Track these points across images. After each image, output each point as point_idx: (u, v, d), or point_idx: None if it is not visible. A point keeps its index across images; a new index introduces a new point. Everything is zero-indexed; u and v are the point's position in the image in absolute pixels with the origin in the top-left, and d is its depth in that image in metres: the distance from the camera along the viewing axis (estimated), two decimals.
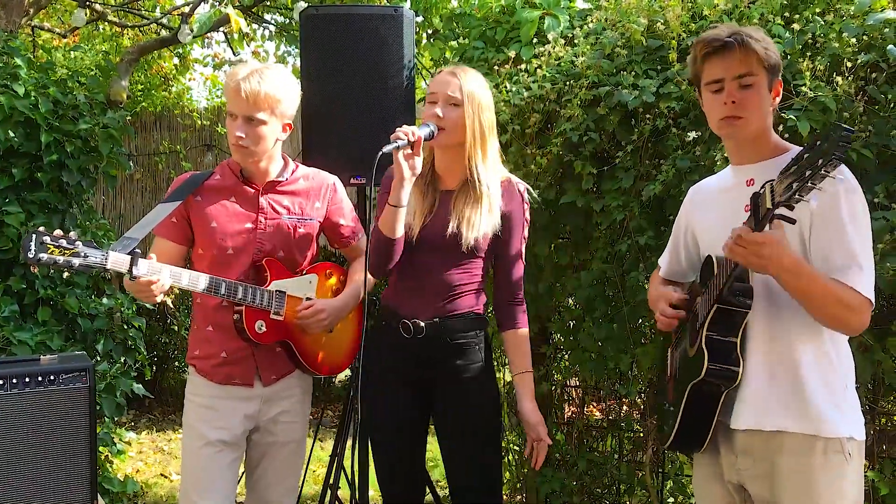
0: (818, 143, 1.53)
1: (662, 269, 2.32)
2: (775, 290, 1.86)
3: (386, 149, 2.16)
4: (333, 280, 2.61)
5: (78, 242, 2.13)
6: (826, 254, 1.83)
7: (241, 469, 2.63)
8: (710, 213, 2.09)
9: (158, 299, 2.28)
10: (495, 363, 2.89)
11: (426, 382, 2.41)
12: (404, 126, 2.22)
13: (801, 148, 1.62)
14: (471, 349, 2.39)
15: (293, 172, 2.52)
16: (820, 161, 1.51)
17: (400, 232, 2.28)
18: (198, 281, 2.32)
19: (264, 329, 2.40)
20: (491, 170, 2.36)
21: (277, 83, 2.33)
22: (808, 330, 1.87)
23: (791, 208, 1.62)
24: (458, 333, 2.37)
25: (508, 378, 3.11)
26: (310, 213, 2.51)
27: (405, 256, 2.35)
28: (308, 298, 2.49)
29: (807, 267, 1.78)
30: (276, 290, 2.43)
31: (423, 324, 2.34)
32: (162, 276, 2.22)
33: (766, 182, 1.66)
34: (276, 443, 2.55)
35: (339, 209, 2.60)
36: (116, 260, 2.17)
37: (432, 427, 2.52)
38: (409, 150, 2.21)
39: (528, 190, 2.46)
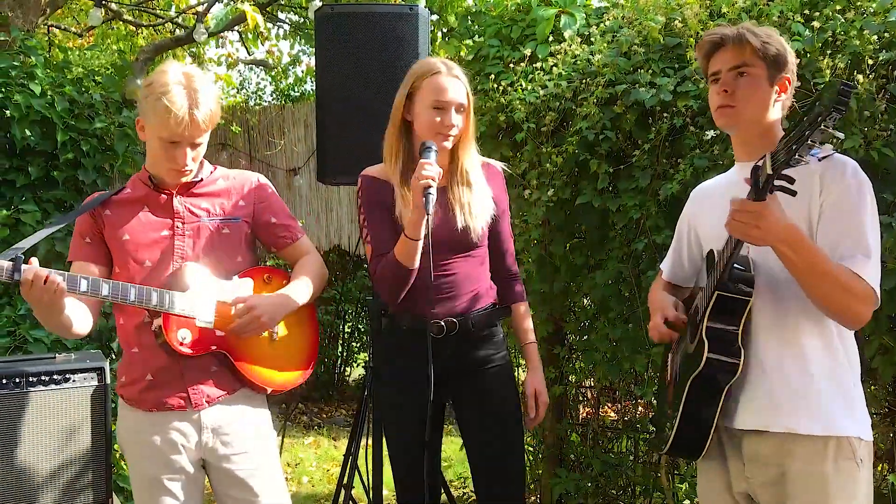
0: (816, 102, 1.50)
1: (665, 272, 2.26)
2: (780, 280, 1.82)
3: (431, 210, 2.10)
4: (274, 285, 2.30)
5: None
6: (834, 242, 1.77)
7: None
8: (714, 210, 2.01)
9: (67, 313, 2.04)
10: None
11: (449, 380, 2.38)
12: (426, 168, 2.13)
13: None
14: (497, 340, 2.43)
15: (211, 173, 2.29)
16: (819, 118, 1.46)
17: (417, 262, 2.26)
18: (99, 287, 2.03)
19: (189, 339, 2.11)
20: (475, 158, 2.39)
21: (212, 94, 2.12)
22: (815, 323, 1.82)
23: (791, 181, 1.58)
24: (485, 326, 2.38)
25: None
26: (234, 213, 2.26)
27: (420, 260, 2.32)
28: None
29: (807, 240, 1.71)
30: (200, 294, 2.14)
31: (456, 321, 2.33)
32: (51, 276, 1.94)
33: (766, 153, 1.61)
34: (238, 479, 2.22)
35: (268, 207, 2.33)
36: None
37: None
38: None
39: (503, 168, 2.50)
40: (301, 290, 2.27)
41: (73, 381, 2.65)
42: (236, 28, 6.69)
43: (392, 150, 2.35)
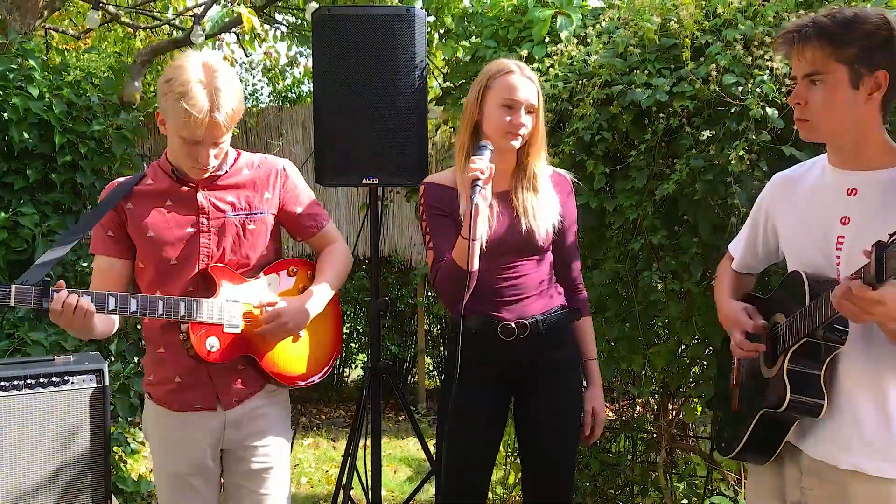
0: None
1: (736, 261, 2.11)
2: (876, 330, 1.67)
3: (476, 198, 2.09)
4: (299, 277, 2.30)
5: None
6: None
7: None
8: (797, 210, 1.87)
9: (96, 324, 2.02)
10: None
11: (511, 382, 2.40)
12: (474, 161, 2.13)
13: None
14: (566, 343, 2.43)
15: (235, 162, 2.21)
16: None
17: (476, 263, 2.24)
18: (128, 303, 2.00)
19: (218, 347, 2.09)
20: (544, 164, 2.39)
21: (235, 90, 2.03)
22: None
23: None
24: (555, 329, 2.37)
25: None
26: (259, 206, 2.20)
27: (484, 263, 2.30)
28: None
29: None
30: (227, 300, 2.12)
31: (527, 324, 2.32)
32: (80, 301, 1.92)
33: None
34: (252, 471, 2.23)
35: (294, 196, 2.28)
36: (21, 293, 1.87)
37: None
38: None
39: (573, 180, 2.48)
40: (327, 288, 2.25)
41: (72, 383, 2.66)
42: (234, 30, 6.70)
43: (462, 151, 2.35)
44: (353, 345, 7.07)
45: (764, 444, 1.88)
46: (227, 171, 2.18)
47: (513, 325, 2.32)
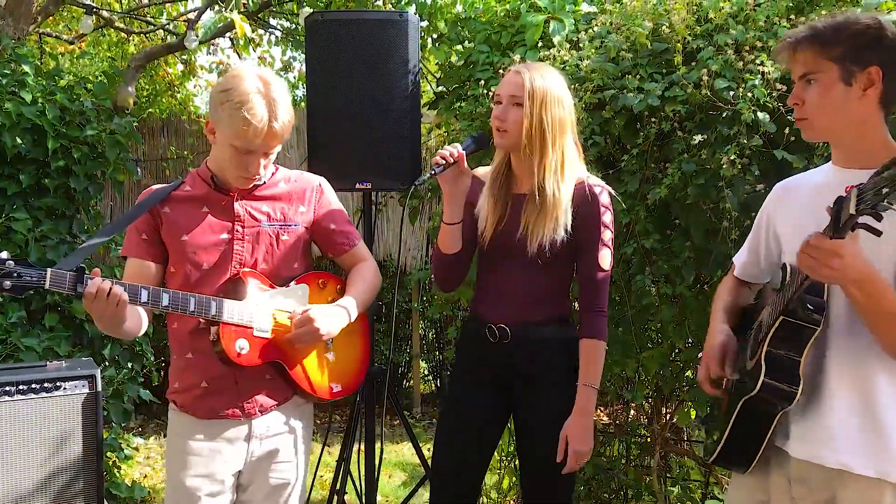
0: None
1: (738, 268, 2.12)
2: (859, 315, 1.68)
3: (419, 180, 2.15)
4: (328, 290, 2.30)
5: (10, 262, 1.83)
6: None
7: None
8: (797, 212, 1.87)
9: (127, 324, 2.01)
10: None
11: (509, 386, 2.40)
12: (445, 147, 2.20)
13: None
14: (556, 355, 2.35)
15: (273, 175, 2.24)
16: None
17: (457, 247, 2.30)
18: (160, 297, 2.00)
19: (247, 349, 2.09)
20: (556, 172, 2.25)
21: (288, 102, 2.07)
22: (893, 364, 1.68)
23: (879, 218, 1.40)
24: (543, 339, 2.33)
25: None
26: (294, 219, 2.23)
27: (485, 262, 2.37)
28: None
29: (881, 283, 1.58)
30: (258, 304, 2.13)
31: (508, 329, 2.33)
32: (114, 288, 1.90)
33: (855, 186, 1.43)
34: (269, 486, 2.23)
35: (328, 213, 2.31)
36: (56, 277, 1.86)
37: None
38: (457, 170, 2.21)
39: (606, 192, 2.32)
40: (357, 300, 2.26)
41: (65, 388, 2.66)
42: (227, 35, 6.70)
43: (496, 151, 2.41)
44: None
45: (745, 443, 1.86)
46: (265, 183, 2.21)
47: (495, 329, 2.34)
